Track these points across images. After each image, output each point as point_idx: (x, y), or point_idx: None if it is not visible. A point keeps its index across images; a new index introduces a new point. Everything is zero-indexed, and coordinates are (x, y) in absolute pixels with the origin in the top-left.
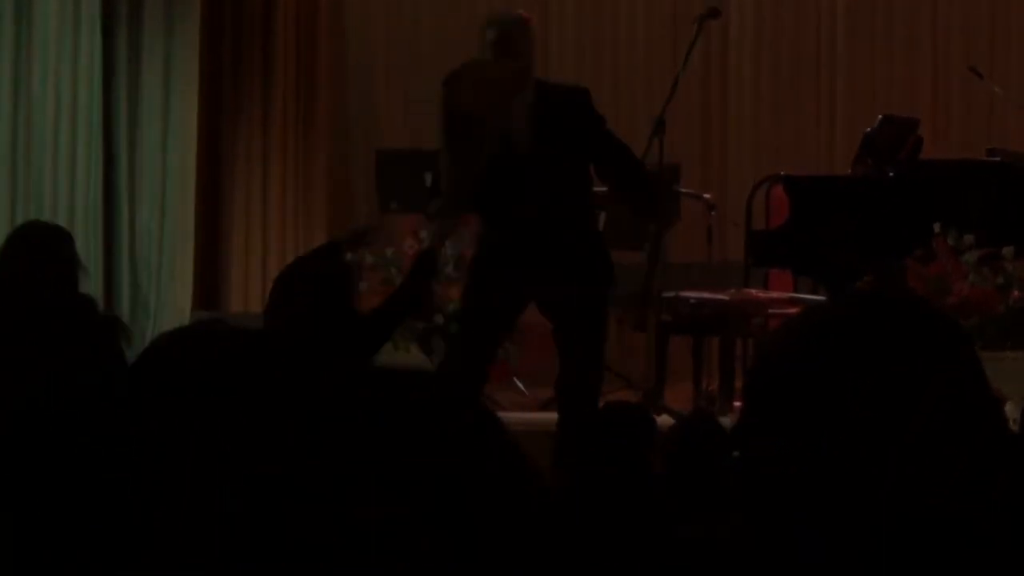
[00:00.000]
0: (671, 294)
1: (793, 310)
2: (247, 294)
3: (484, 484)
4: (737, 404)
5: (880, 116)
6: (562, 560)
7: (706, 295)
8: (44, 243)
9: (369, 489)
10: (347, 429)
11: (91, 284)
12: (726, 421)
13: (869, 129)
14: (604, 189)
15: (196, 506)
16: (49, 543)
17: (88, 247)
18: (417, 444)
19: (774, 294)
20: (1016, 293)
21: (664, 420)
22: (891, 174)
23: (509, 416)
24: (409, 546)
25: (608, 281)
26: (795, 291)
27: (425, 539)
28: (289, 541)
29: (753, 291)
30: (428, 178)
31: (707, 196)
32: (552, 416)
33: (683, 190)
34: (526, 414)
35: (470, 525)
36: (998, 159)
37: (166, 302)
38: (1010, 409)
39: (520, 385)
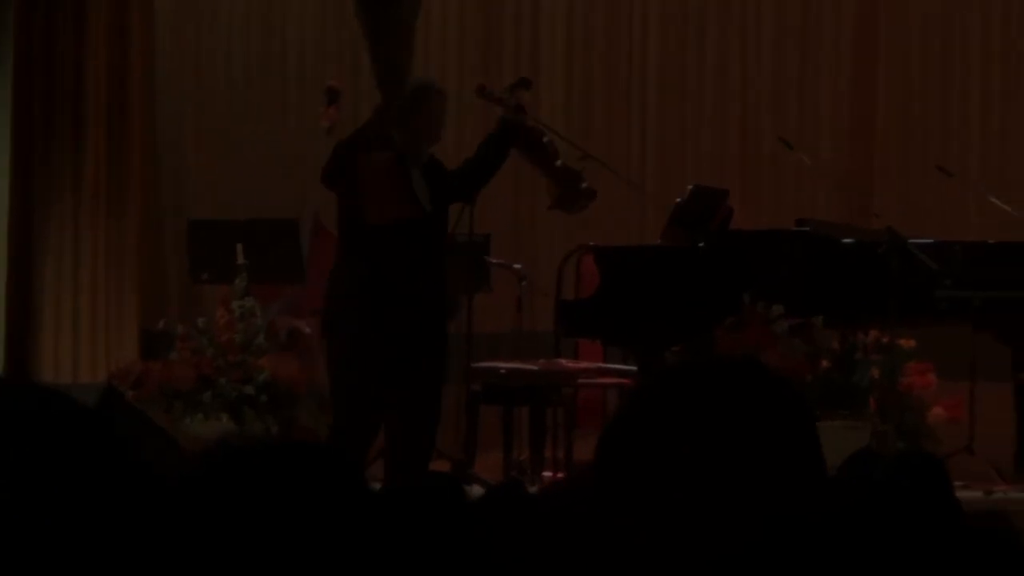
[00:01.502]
0: (481, 364)
1: (603, 380)
2: (57, 366)
3: None
4: (547, 474)
5: (690, 186)
6: None
7: (516, 365)
8: None
9: None
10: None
11: None
12: (536, 490)
13: (679, 199)
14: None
15: None
16: None
17: None
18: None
19: (584, 364)
20: (824, 362)
21: (474, 490)
22: (701, 244)
23: None
24: None
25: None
26: (605, 361)
27: None
28: None
29: (563, 361)
30: (239, 249)
31: (517, 266)
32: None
33: (493, 260)
34: None
35: None
36: (807, 229)
37: None
38: None
39: None
